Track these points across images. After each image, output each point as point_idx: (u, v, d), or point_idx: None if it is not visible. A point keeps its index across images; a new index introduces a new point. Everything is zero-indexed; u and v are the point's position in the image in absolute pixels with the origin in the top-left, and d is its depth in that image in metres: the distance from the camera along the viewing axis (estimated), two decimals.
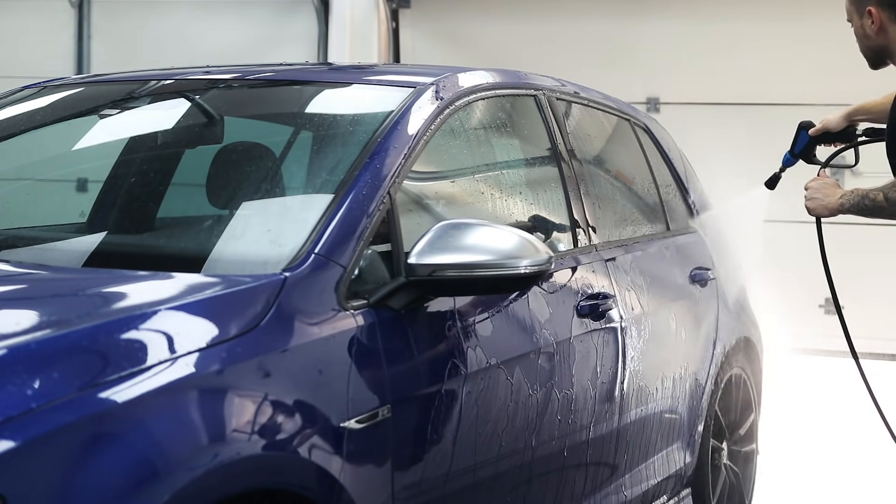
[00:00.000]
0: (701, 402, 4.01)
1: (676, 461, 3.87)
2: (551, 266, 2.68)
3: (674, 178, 4.39)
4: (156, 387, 1.99)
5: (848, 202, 3.20)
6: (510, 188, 3.38)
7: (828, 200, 3.25)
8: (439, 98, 3.01)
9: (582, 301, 3.21)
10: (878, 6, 3.16)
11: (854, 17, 3.24)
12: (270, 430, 2.14)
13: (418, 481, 2.53)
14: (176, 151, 3.29)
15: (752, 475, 4.48)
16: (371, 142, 2.78)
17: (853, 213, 3.20)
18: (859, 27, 3.23)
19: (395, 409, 2.45)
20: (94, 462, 1.86)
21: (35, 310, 2.20)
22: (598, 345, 3.26)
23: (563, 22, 8.96)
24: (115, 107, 3.43)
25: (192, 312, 2.20)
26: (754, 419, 4.49)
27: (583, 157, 3.62)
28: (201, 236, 2.77)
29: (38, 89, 3.50)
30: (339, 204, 2.58)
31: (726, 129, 8.47)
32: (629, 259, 3.63)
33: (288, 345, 2.27)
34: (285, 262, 2.43)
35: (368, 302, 2.49)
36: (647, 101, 8.73)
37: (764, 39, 8.18)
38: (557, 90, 3.69)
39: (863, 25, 3.21)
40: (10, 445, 1.77)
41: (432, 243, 2.54)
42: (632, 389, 3.48)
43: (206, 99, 3.28)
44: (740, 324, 4.32)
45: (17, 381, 1.85)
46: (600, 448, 3.34)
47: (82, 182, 3.64)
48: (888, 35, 3.17)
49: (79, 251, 2.79)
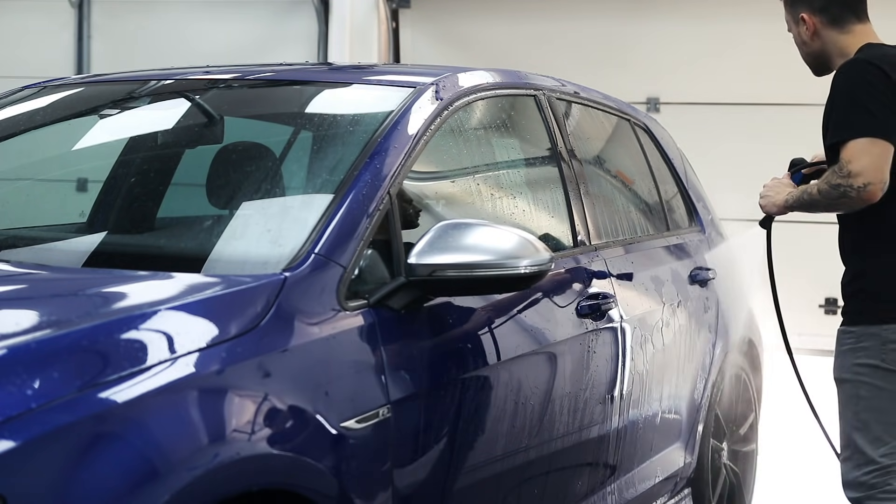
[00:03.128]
0: (701, 402, 4.01)
1: (676, 461, 3.87)
2: (551, 266, 2.68)
3: (674, 178, 4.39)
4: (156, 387, 1.99)
5: (792, 198, 3.21)
6: (510, 188, 3.38)
7: (777, 198, 3.28)
8: (439, 98, 3.01)
9: (582, 301, 3.21)
10: (809, 12, 3.22)
11: (791, 25, 3.30)
12: (270, 430, 2.14)
13: (418, 481, 2.53)
14: (176, 151, 3.29)
15: (752, 475, 4.48)
16: (371, 142, 2.78)
17: (797, 208, 3.22)
18: (797, 35, 3.29)
19: (395, 409, 2.45)
20: (94, 462, 1.86)
21: (35, 310, 2.19)
22: (597, 345, 3.26)
23: (564, 22, 8.96)
24: (115, 107, 3.43)
25: (192, 312, 2.20)
26: (754, 419, 4.49)
27: (583, 157, 3.62)
28: (201, 236, 2.76)
29: (38, 89, 3.50)
30: (339, 204, 2.58)
31: (726, 129, 8.48)
32: (629, 259, 3.63)
33: (288, 345, 2.27)
34: (285, 262, 2.43)
35: (368, 302, 2.49)
36: (647, 101, 8.74)
37: (764, 39, 8.16)
38: (557, 90, 3.69)
39: (799, 33, 3.27)
40: (10, 445, 1.77)
41: (432, 243, 2.54)
42: (631, 389, 3.48)
43: (206, 99, 3.28)
44: (740, 324, 4.32)
45: (17, 381, 1.85)
46: (600, 448, 3.34)
47: (82, 182, 3.64)
48: (823, 39, 3.22)
49: (79, 251, 2.79)
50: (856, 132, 3.00)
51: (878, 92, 3.02)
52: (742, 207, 5.14)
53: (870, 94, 3.01)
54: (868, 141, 2.98)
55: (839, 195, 3.01)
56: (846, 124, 3.02)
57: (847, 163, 2.99)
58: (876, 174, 2.98)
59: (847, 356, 3.17)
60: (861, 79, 3.05)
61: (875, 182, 2.98)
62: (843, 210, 3.12)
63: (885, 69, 3.06)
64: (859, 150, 2.98)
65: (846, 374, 3.16)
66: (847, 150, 3.00)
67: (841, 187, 3.00)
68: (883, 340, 3.10)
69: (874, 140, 2.98)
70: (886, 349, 3.10)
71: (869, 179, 2.97)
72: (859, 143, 2.98)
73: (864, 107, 3.01)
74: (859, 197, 2.99)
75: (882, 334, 3.10)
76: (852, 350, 3.15)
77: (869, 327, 3.12)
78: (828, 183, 3.05)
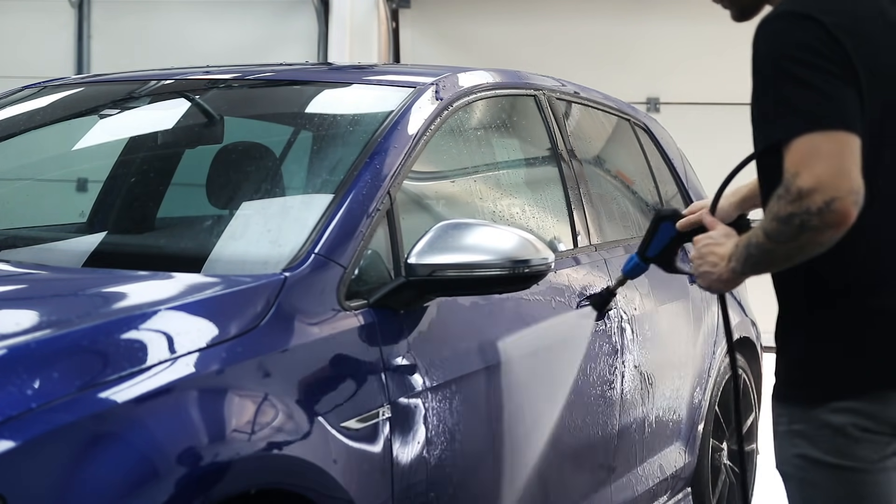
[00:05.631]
0: (701, 402, 4.01)
1: (676, 461, 3.87)
2: (551, 266, 2.68)
3: (674, 178, 4.39)
4: (156, 387, 1.99)
5: (737, 261, 2.14)
6: (510, 188, 3.38)
7: (718, 271, 2.20)
8: (439, 98, 3.01)
9: (582, 301, 3.21)
10: None
11: None
12: (270, 430, 2.14)
13: (418, 481, 2.53)
14: (176, 151, 3.29)
15: (752, 475, 4.48)
16: (371, 142, 2.78)
17: (752, 272, 2.14)
18: None
19: (395, 409, 2.45)
20: (94, 462, 1.86)
21: (35, 310, 2.20)
22: (598, 344, 3.26)
23: (564, 22, 8.97)
24: (115, 107, 3.43)
25: (192, 312, 2.20)
26: (754, 419, 4.49)
27: (583, 157, 3.62)
28: (201, 236, 2.76)
29: (38, 89, 3.50)
30: (339, 204, 2.58)
31: (726, 129, 8.47)
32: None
33: (288, 345, 2.27)
34: (285, 262, 2.43)
35: (368, 302, 2.49)
36: (647, 101, 8.74)
37: None
38: (557, 90, 3.69)
39: None
40: (10, 445, 1.77)
41: (432, 243, 2.54)
42: (631, 389, 3.48)
43: (206, 99, 3.28)
44: (740, 324, 4.32)
45: (17, 381, 1.85)
46: (600, 448, 3.34)
47: (82, 182, 3.64)
48: None
49: (79, 251, 2.79)
50: (798, 126, 1.96)
51: (821, 57, 1.98)
52: None
53: (809, 62, 1.98)
54: (819, 136, 1.95)
55: (796, 230, 1.97)
56: (781, 115, 1.99)
57: (793, 177, 1.95)
58: (840, 182, 1.93)
59: (783, 442, 2.22)
60: (793, 38, 2.01)
61: (841, 194, 1.93)
62: (813, 250, 2.00)
63: (826, 22, 2.00)
64: (807, 153, 1.95)
65: (786, 468, 2.24)
66: (789, 155, 1.97)
67: (794, 217, 1.96)
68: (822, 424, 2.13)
69: (828, 133, 1.95)
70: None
71: (831, 194, 1.92)
72: (806, 141, 1.95)
73: (805, 82, 1.97)
74: (824, 223, 1.94)
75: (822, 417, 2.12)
76: (788, 434, 2.20)
77: (800, 408, 2.16)
78: (775, 217, 2.00)
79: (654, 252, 2.71)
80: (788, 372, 2.18)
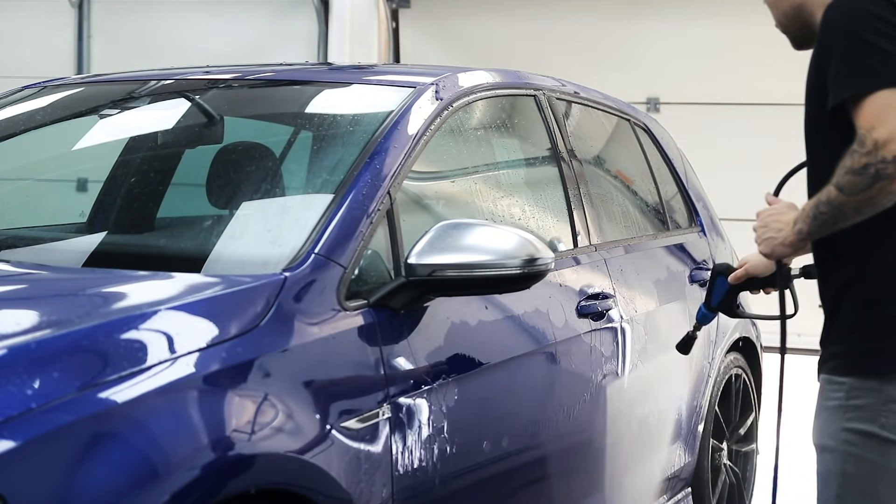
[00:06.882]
0: (701, 402, 4.01)
1: (676, 461, 3.87)
2: (551, 266, 2.68)
3: (674, 178, 4.39)
4: (156, 387, 1.99)
5: (804, 222, 2.27)
6: (510, 188, 3.38)
7: (782, 235, 2.34)
8: (439, 98, 3.01)
9: (582, 301, 3.21)
10: None
11: None
12: (270, 430, 2.14)
13: (418, 481, 2.53)
14: (176, 151, 3.29)
15: (752, 475, 4.48)
16: (371, 142, 2.78)
17: (817, 233, 2.26)
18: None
19: (395, 409, 2.45)
20: (94, 462, 1.86)
21: (35, 310, 2.20)
22: (597, 345, 3.26)
23: (564, 22, 8.97)
24: (115, 107, 3.43)
25: (192, 312, 2.20)
26: (754, 419, 4.49)
27: (583, 157, 3.62)
28: (201, 236, 2.76)
29: (38, 89, 3.50)
30: (339, 204, 2.58)
31: (726, 129, 8.48)
32: (629, 259, 3.63)
33: (288, 345, 2.27)
34: (285, 262, 2.43)
35: (368, 302, 2.49)
36: (647, 101, 8.74)
37: (764, 40, 8.19)
38: (557, 90, 3.69)
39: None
40: (10, 445, 1.77)
41: (432, 243, 2.54)
42: (631, 389, 3.48)
43: (206, 99, 3.28)
44: (740, 324, 4.32)
45: (17, 381, 1.85)
46: (600, 448, 3.34)
47: (82, 182, 3.64)
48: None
49: (79, 251, 2.79)
50: (872, 82, 2.13)
51: (890, 26, 2.17)
52: (742, 207, 5.14)
53: (879, 30, 2.16)
54: (890, 93, 2.12)
55: (870, 181, 2.11)
56: (854, 74, 2.16)
57: (869, 131, 2.11)
58: None
59: (834, 416, 2.30)
60: (864, 10, 2.19)
61: None
62: (883, 201, 2.15)
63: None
64: (882, 108, 2.11)
65: (829, 441, 2.32)
66: (864, 111, 2.13)
67: (870, 167, 2.10)
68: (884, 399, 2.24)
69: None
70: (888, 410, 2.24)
71: None
72: (880, 97, 2.11)
73: (877, 46, 2.15)
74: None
75: (884, 390, 2.23)
76: (842, 408, 2.28)
77: (865, 380, 2.25)
78: (849, 171, 2.14)
79: (716, 302, 3.06)
80: (852, 342, 2.27)
